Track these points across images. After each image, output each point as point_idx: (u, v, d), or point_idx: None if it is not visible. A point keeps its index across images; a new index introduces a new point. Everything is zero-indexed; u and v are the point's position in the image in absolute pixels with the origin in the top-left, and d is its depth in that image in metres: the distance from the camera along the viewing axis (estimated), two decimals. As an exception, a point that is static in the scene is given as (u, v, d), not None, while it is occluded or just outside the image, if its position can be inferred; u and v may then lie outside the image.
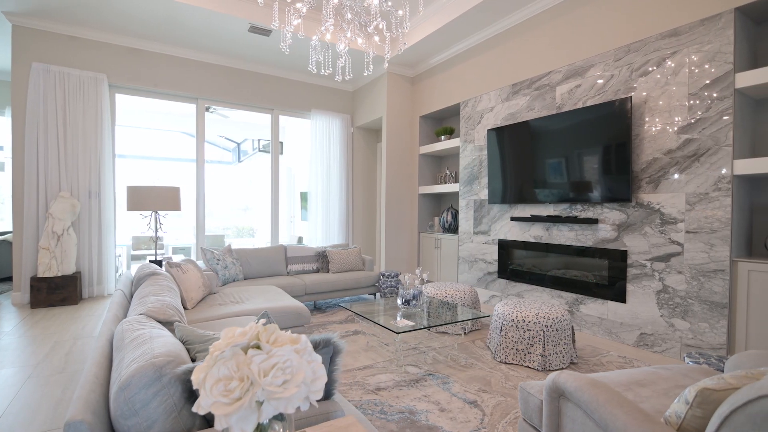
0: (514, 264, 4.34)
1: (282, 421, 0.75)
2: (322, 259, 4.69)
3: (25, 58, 4.41)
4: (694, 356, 2.07)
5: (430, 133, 5.93)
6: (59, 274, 4.30)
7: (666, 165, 3.05)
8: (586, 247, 3.59)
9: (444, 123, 5.99)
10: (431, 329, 3.54)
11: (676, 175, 2.99)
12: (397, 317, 2.90)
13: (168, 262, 3.00)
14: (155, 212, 4.42)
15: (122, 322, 1.59)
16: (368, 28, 2.55)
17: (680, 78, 2.96)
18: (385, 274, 4.58)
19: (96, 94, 4.68)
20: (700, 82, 2.86)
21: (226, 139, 9.43)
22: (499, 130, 4.35)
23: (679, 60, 2.97)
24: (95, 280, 4.71)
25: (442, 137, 5.48)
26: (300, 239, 8.27)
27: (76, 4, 4.13)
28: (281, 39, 2.70)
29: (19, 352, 3.02)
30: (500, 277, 4.45)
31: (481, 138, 4.72)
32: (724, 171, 2.73)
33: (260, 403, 0.64)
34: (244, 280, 4.14)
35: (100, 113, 4.70)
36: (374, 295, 4.94)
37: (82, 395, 1.09)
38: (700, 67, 2.86)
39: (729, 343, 2.73)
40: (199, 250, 3.95)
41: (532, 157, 4.01)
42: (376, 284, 4.66)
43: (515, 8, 4.13)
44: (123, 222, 6.65)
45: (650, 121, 3.15)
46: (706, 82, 2.82)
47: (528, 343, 2.78)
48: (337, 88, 6.54)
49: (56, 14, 4.33)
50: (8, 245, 5.65)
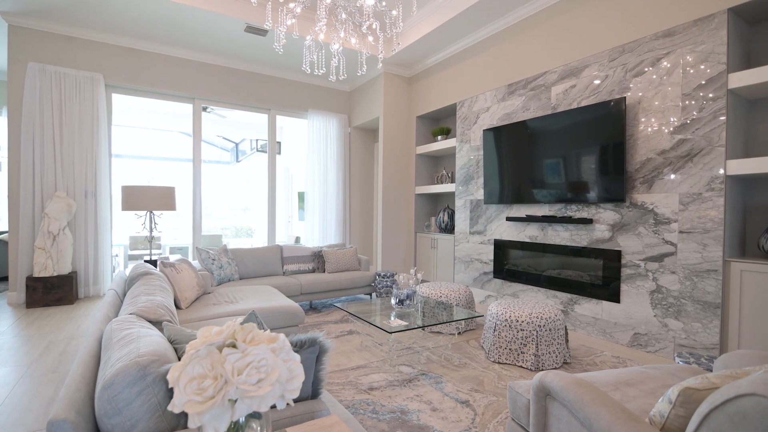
0: (510, 264, 4.34)
1: (259, 419, 0.75)
2: (318, 259, 4.69)
3: (21, 58, 4.41)
4: (684, 356, 2.07)
5: (427, 133, 5.93)
6: (55, 274, 4.29)
7: (660, 165, 3.06)
8: (581, 247, 3.59)
9: (441, 123, 6.00)
10: (425, 329, 3.54)
11: (670, 176, 2.99)
12: (391, 317, 2.90)
13: (162, 262, 3.00)
14: (150, 212, 4.42)
15: (112, 321, 1.59)
16: (362, 28, 2.55)
17: (674, 78, 2.97)
18: (381, 274, 4.59)
19: (92, 94, 4.68)
20: (694, 82, 2.86)
21: (225, 139, 9.43)
22: (495, 131, 4.36)
23: (673, 60, 2.97)
24: (91, 280, 4.71)
25: (439, 137, 5.48)
26: (297, 239, 8.28)
27: (73, 4, 4.13)
28: (275, 39, 2.71)
29: (14, 352, 3.02)
30: (496, 277, 4.45)
31: (477, 138, 4.72)
32: (718, 171, 2.74)
33: (234, 402, 0.64)
34: (240, 279, 4.14)
35: (97, 113, 4.70)
36: (370, 295, 4.94)
37: (67, 394, 1.10)
38: (693, 67, 2.87)
39: (722, 343, 2.74)
40: (195, 250, 3.95)
41: (527, 158, 4.01)
42: (372, 284, 4.66)
43: (511, 8, 4.14)
44: (121, 222, 6.65)
45: (644, 121, 3.15)
46: (700, 82, 2.83)
47: (521, 343, 2.79)
48: (334, 88, 6.54)
49: (53, 14, 4.33)
50: (4, 245, 5.65)
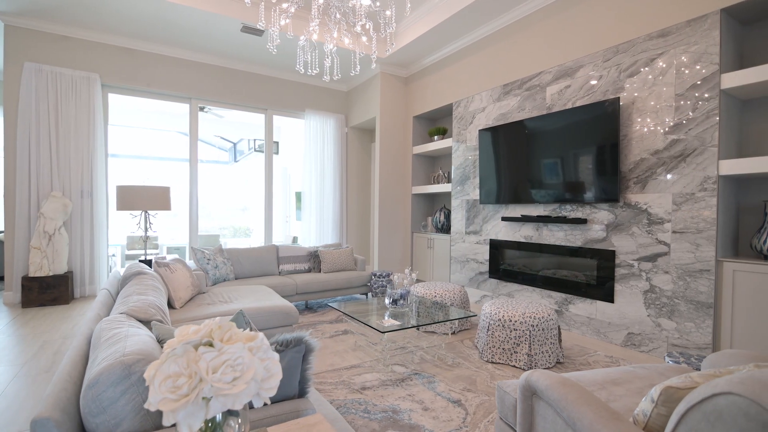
0: (505, 264, 4.35)
1: (237, 416, 0.75)
2: (314, 259, 4.70)
3: (17, 58, 4.41)
4: (674, 356, 2.08)
5: (424, 133, 5.94)
6: (50, 274, 4.29)
7: (653, 165, 3.06)
8: (576, 247, 3.60)
9: (437, 123, 6.00)
10: (420, 329, 3.54)
11: (664, 176, 3.00)
12: (385, 317, 2.91)
13: (156, 262, 3.01)
14: (145, 212, 4.42)
15: (102, 320, 1.60)
16: (355, 28, 2.56)
17: (667, 78, 2.98)
18: (377, 274, 4.59)
19: (88, 94, 4.68)
20: (687, 82, 2.87)
21: (222, 139, 9.43)
22: (490, 131, 4.37)
23: (667, 61, 2.98)
24: (87, 280, 4.71)
25: (435, 137, 5.49)
26: (295, 239, 8.28)
27: (69, 4, 4.13)
28: (268, 39, 2.71)
29: (8, 351, 3.02)
30: (491, 277, 4.46)
31: (473, 138, 4.73)
32: (710, 171, 2.75)
33: (208, 400, 0.64)
34: (236, 279, 4.15)
35: (93, 113, 4.70)
36: (366, 295, 4.95)
37: (52, 393, 1.10)
38: (686, 67, 2.87)
39: (714, 343, 2.74)
40: (190, 250, 3.95)
41: (522, 158, 4.02)
42: (368, 284, 4.66)
43: (506, 9, 4.14)
44: (119, 222, 6.65)
45: (638, 121, 3.16)
46: (693, 83, 2.84)
47: (514, 343, 2.79)
48: (332, 88, 6.54)
49: (49, 14, 4.33)
50: (0, 245, 5.65)
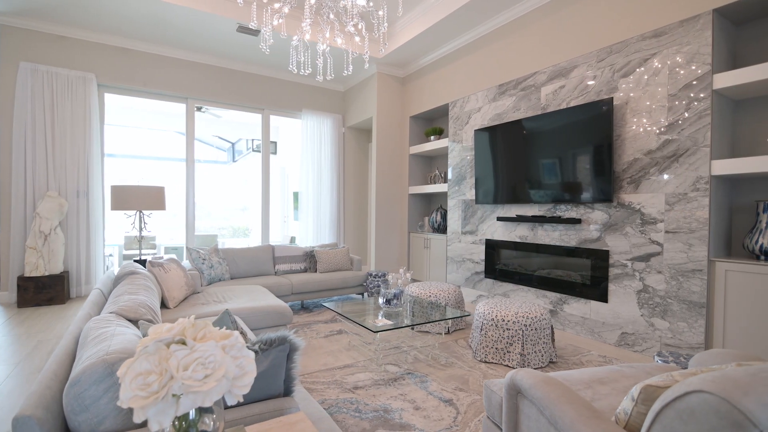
0: (501, 264, 4.35)
1: (212, 413, 0.76)
2: (310, 259, 4.70)
3: (12, 58, 4.42)
4: (663, 355, 2.08)
5: (420, 133, 5.94)
6: (46, 274, 4.30)
7: (646, 165, 3.07)
8: (570, 247, 3.60)
9: (434, 123, 6.01)
10: (414, 328, 3.55)
11: (657, 176, 3.01)
12: (379, 316, 2.91)
13: (150, 262, 3.01)
14: (140, 212, 4.42)
15: (90, 320, 1.60)
16: (347, 28, 2.56)
17: (660, 79, 2.98)
18: (373, 274, 4.60)
19: (84, 94, 4.68)
20: (680, 83, 2.88)
21: (221, 138, 9.44)
22: (486, 131, 4.37)
23: (660, 61, 2.99)
24: (83, 280, 4.71)
25: (432, 137, 5.49)
26: (293, 239, 8.28)
27: (65, 4, 4.13)
28: (261, 39, 2.72)
29: (2, 351, 3.02)
30: (487, 276, 4.46)
31: (469, 138, 4.74)
32: (703, 171, 2.75)
33: (178, 397, 0.65)
34: (231, 279, 4.15)
35: (89, 113, 4.70)
36: (362, 294, 4.95)
37: (36, 391, 1.10)
38: (679, 68, 2.88)
39: (707, 343, 2.75)
40: (186, 250, 3.95)
41: (517, 158, 4.02)
42: (364, 284, 4.67)
43: (501, 8, 4.15)
44: (116, 222, 6.66)
45: (631, 121, 3.17)
46: (685, 83, 2.84)
47: (507, 342, 2.80)
48: (328, 88, 6.55)
49: (45, 14, 4.34)
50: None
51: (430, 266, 5.44)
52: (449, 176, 5.05)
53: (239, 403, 1.18)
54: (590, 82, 3.45)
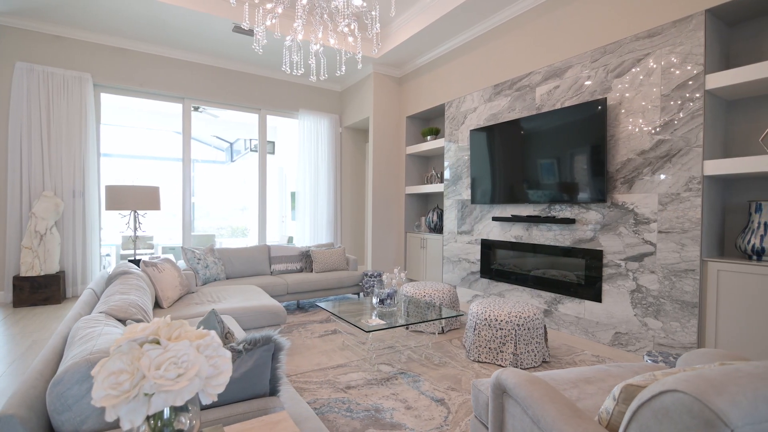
0: (497, 264, 4.36)
1: (188, 412, 0.76)
2: (306, 259, 4.71)
3: (8, 57, 4.42)
4: (653, 355, 2.09)
5: (417, 133, 5.95)
6: (42, 274, 4.30)
7: (640, 165, 3.07)
8: (564, 247, 3.61)
9: (430, 123, 6.01)
10: (408, 328, 3.55)
11: (650, 176, 3.01)
12: (372, 316, 2.92)
13: (144, 262, 3.01)
14: (134, 212, 4.42)
15: (80, 319, 1.61)
16: (339, 28, 2.57)
17: (653, 79, 2.99)
18: (369, 274, 4.60)
19: (80, 94, 4.68)
20: (672, 83, 2.88)
21: (219, 138, 9.44)
22: (481, 131, 4.38)
23: (653, 61, 2.99)
24: (79, 280, 4.71)
25: (428, 137, 5.50)
26: (290, 239, 8.29)
27: (61, 4, 4.14)
28: (254, 40, 2.72)
29: (-4, 351, 3.03)
30: (483, 276, 4.47)
31: (465, 138, 4.74)
32: (695, 172, 2.76)
33: (150, 396, 0.65)
34: (227, 279, 4.15)
35: (85, 113, 4.71)
36: (358, 294, 4.96)
37: (20, 390, 1.11)
38: (672, 68, 2.88)
39: (699, 343, 2.75)
40: (181, 250, 3.96)
41: (512, 158, 4.03)
42: (360, 284, 4.67)
43: (497, 9, 4.15)
44: (114, 221, 6.66)
45: (625, 121, 3.17)
46: (678, 83, 2.85)
47: (500, 342, 2.80)
48: (325, 88, 6.55)
49: (41, 13, 4.34)
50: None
51: (427, 266, 5.45)
52: (446, 176, 5.06)
53: (224, 402, 1.18)
54: (584, 83, 3.45)
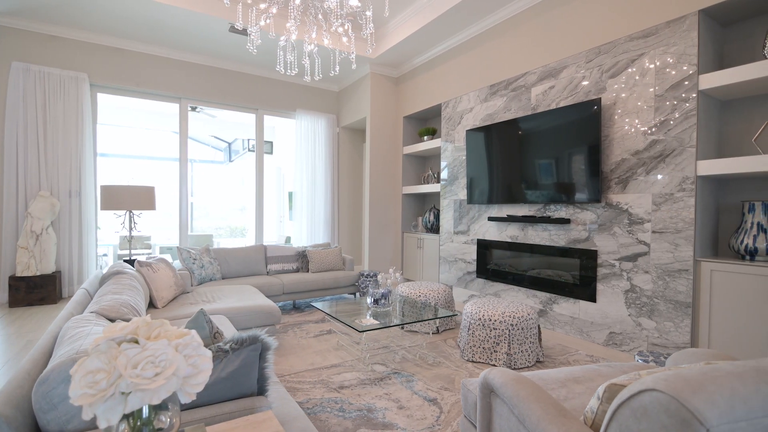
0: (492, 264, 4.36)
1: (168, 411, 0.77)
2: (302, 259, 4.71)
3: (4, 57, 4.42)
4: (644, 354, 2.09)
5: (414, 133, 5.95)
6: (38, 273, 4.30)
7: (634, 166, 3.08)
8: (559, 247, 3.61)
9: (427, 123, 6.02)
10: (403, 328, 3.55)
11: (644, 176, 3.01)
12: (367, 316, 2.92)
13: (139, 262, 3.01)
14: (129, 212, 4.42)
15: (70, 319, 1.61)
16: (333, 28, 2.57)
17: (647, 79, 2.99)
18: (365, 274, 4.60)
19: (77, 94, 4.68)
20: (666, 83, 2.89)
21: (217, 138, 9.44)
22: (477, 131, 4.38)
23: (647, 62, 3.00)
24: (75, 280, 4.71)
25: (425, 138, 5.50)
26: (288, 239, 8.29)
27: (57, 4, 4.13)
28: (248, 40, 2.73)
29: (-10, 351, 3.03)
30: (479, 276, 4.47)
31: (461, 138, 4.74)
32: (689, 172, 2.76)
33: (127, 394, 0.65)
34: (222, 279, 4.16)
35: (81, 113, 4.71)
36: (354, 294, 4.96)
37: (6, 390, 1.11)
38: (666, 68, 2.89)
39: (693, 342, 2.76)
40: (177, 250, 3.96)
41: (508, 158, 4.03)
42: (356, 284, 4.68)
43: (492, 9, 4.16)
44: (112, 221, 6.65)
45: (619, 122, 3.18)
46: (672, 84, 2.85)
47: (494, 342, 2.80)
48: (322, 89, 6.55)
49: (37, 13, 4.34)
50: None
51: (423, 266, 5.45)
52: (442, 176, 5.06)
53: (210, 402, 1.19)
54: (579, 83, 3.46)
